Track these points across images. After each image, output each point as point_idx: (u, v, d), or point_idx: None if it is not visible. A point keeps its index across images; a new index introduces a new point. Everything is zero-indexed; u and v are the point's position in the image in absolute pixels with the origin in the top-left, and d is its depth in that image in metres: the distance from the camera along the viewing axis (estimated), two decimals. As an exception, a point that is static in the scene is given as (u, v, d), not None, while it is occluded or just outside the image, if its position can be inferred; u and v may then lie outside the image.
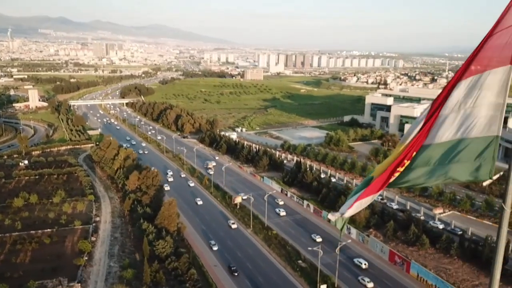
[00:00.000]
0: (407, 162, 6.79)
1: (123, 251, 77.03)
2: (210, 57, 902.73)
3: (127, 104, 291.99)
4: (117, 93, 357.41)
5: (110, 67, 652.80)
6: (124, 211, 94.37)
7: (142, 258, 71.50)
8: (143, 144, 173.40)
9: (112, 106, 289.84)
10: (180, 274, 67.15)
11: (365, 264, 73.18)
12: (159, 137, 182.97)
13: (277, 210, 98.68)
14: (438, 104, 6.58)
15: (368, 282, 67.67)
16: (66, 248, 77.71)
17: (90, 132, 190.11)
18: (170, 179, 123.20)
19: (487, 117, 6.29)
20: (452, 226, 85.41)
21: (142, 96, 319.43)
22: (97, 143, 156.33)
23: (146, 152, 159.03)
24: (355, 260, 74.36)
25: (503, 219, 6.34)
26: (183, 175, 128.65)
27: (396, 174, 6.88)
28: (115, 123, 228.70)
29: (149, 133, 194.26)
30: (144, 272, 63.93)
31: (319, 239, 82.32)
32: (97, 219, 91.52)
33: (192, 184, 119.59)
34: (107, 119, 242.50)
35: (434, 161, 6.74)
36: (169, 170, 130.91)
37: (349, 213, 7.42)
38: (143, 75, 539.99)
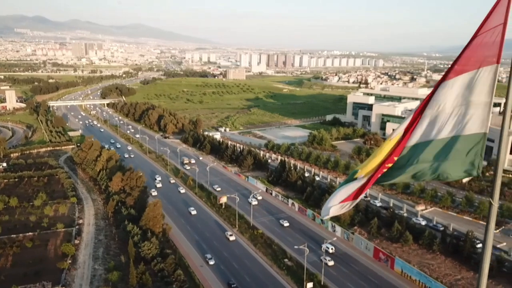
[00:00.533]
0: (395, 159, 6.99)
1: (107, 253, 76.04)
2: (192, 57, 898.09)
3: (108, 104, 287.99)
4: (98, 94, 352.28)
5: (89, 67, 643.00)
6: (108, 213, 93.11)
7: (127, 260, 70.71)
8: (129, 148, 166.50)
9: (93, 107, 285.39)
10: (167, 275, 66.70)
11: (331, 248, 77.55)
12: (138, 136, 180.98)
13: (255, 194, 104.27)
14: (425, 103, 6.78)
15: (329, 260, 73.27)
16: (49, 251, 76.28)
17: (71, 133, 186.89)
18: (159, 185, 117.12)
19: (475, 115, 6.47)
20: (434, 222, 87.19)
21: (123, 97, 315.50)
22: (78, 144, 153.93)
23: (132, 155, 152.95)
24: (323, 245, 77.22)
25: (491, 214, 6.56)
26: (172, 181, 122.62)
27: (384, 170, 7.07)
28: (98, 125, 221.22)
29: (137, 136, 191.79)
30: (130, 274, 63.28)
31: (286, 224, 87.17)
32: (80, 221, 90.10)
33: (182, 191, 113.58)
34: (90, 120, 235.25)
35: (422, 159, 6.90)
36: (157, 176, 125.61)
37: (335, 211, 7.65)
38: (124, 75, 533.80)
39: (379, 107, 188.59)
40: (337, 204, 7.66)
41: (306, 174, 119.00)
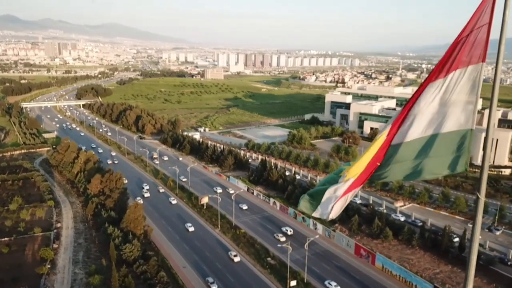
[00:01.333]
0: (383, 157, 7.24)
1: (88, 257, 74.62)
2: (169, 57, 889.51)
3: (84, 105, 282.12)
4: (73, 94, 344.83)
5: (63, 67, 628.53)
6: (87, 215, 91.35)
7: (109, 263, 69.62)
8: (113, 153, 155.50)
9: (68, 108, 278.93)
10: (149, 278, 65.98)
11: (290, 231, 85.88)
12: (109, 135, 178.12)
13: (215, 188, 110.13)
14: (412, 103, 7.01)
15: (281, 237, 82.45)
16: (27, 256, 74.27)
17: (46, 135, 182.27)
18: (147, 194, 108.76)
19: (462, 112, 6.76)
20: (413, 218, 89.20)
21: (99, 97, 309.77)
22: (54, 146, 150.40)
23: (116, 161, 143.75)
24: (282, 228, 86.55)
25: (478, 207, 6.85)
26: (161, 190, 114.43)
27: (373, 170, 7.35)
28: (77, 128, 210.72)
29: (109, 134, 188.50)
30: (112, 278, 62.31)
31: (282, 239, 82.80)
32: (59, 225, 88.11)
33: (174, 201, 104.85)
34: (68, 123, 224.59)
35: (410, 157, 7.14)
36: (144, 184, 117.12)
37: (334, 212, 7.95)
38: (99, 76, 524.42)
39: (356, 106, 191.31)
40: (335, 204, 7.90)
41: (287, 173, 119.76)
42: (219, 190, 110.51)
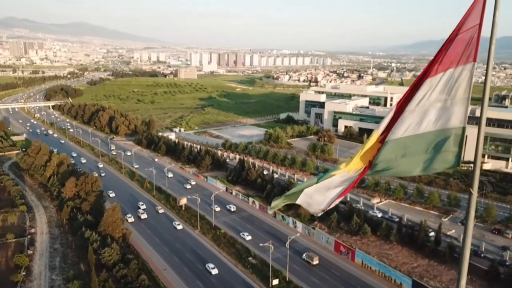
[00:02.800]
0: (377, 155, 7.29)
1: (65, 262, 72.65)
2: (140, 56, 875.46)
3: (53, 107, 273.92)
4: (42, 95, 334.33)
5: (30, 67, 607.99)
6: (62, 220, 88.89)
7: (87, 268, 68.14)
8: (100, 165, 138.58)
9: (37, 110, 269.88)
10: (130, 281, 64.96)
11: (233, 207, 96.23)
12: (77, 135, 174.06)
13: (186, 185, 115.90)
14: (404, 100, 7.17)
15: (216, 207, 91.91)
16: (0, 264, 71.67)
17: (14, 138, 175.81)
18: (143, 216, 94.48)
19: (455, 111, 6.95)
20: (390, 214, 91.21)
21: (69, 98, 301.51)
22: (24, 149, 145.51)
23: (103, 174, 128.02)
24: (227, 206, 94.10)
25: (471, 203, 7.03)
26: (161, 211, 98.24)
27: (367, 167, 7.45)
28: (55, 135, 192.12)
29: (94, 140, 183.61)
30: (92, 283, 60.99)
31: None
32: (32, 230, 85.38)
33: (179, 227, 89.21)
34: (43, 129, 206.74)
35: (406, 154, 7.27)
36: (140, 203, 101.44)
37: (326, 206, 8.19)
38: (69, 76, 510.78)
39: (331, 105, 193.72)
40: (328, 201, 8.06)
41: (265, 172, 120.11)
42: (193, 182, 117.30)
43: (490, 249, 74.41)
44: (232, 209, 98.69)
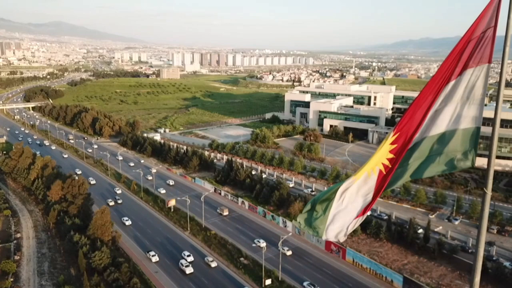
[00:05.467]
0: (402, 158, 7.41)
1: (54, 267, 71.19)
2: (122, 57, 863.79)
3: (34, 108, 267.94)
4: (21, 97, 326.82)
5: (7, 68, 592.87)
6: (49, 224, 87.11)
7: (77, 272, 67.02)
8: (118, 190, 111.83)
9: (16, 111, 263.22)
10: (122, 285, 64.12)
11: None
12: (76, 140, 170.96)
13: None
14: (418, 102, 7.25)
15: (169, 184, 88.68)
16: (-14, 270, 69.80)
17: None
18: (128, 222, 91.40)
19: (471, 111, 7.17)
20: (378, 212, 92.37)
21: (50, 99, 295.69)
22: (5, 152, 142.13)
23: (120, 201, 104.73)
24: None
25: (485, 202, 7.18)
26: (208, 260, 75.20)
27: (392, 172, 7.48)
28: (53, 147, 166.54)
29: (78, 141, 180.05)
30: (84, 287, 59.98)
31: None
32: (18, 235, 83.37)
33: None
34: (35, 137, 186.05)
35: (429, 153, 7.45)
36: (186, 253, 77.30)
37: (356, 223, 8.00)
38: (48, 77, 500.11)
39: (316, 104, 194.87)
40: (351, 221, 7.91)
41: (253, 172, 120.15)
42: (171, 183, 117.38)
43: (476, 244, 75.94)
44: (225, 213, 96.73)
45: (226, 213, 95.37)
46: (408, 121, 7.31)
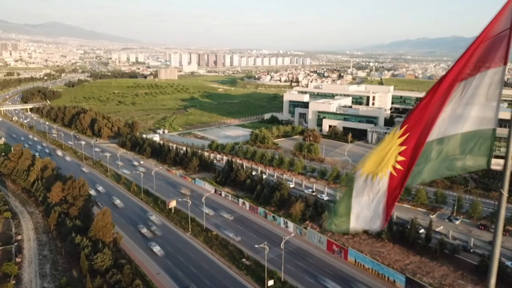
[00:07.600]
0: (419, 156, 7.35)
1: (56, 269, 70.94)
2: (119, 57, 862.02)
3: (31, 109, 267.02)
4: (18, 98, 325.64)
5: (4, 69, 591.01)
6: (49, 226, 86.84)
7: (79, 274, 66.80)
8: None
9: (14, 113, 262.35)
10: (124, 287, 63.96)
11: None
12: (75, 142, 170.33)
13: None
14: (428, 102, 7.14)
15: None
16: (-13, 273, 69.53)
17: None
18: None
19: (486, 113, 7.13)
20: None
21: (47, 100, 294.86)
22: (4, 153, 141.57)
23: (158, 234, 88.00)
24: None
25: (501, 203, 7.15)
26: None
27: (410, 171, 7.43)
28: (67, 157, 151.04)
29: (77, 143, 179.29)
30: (87, 289, 59.84)
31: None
32: (19, 237, 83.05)
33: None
34: (44, 145, 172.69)
35: (445, 155, 7.42)
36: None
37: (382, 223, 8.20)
38: (45, 78, 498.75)
39: (315, 105, 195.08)
40: (381, 217, 8.11)
41: (253, 173, 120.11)
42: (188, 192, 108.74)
43: (478, 244, 76.15)
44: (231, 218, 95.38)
45: (188, 193, 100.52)
46: (418, 122, 7.24)
